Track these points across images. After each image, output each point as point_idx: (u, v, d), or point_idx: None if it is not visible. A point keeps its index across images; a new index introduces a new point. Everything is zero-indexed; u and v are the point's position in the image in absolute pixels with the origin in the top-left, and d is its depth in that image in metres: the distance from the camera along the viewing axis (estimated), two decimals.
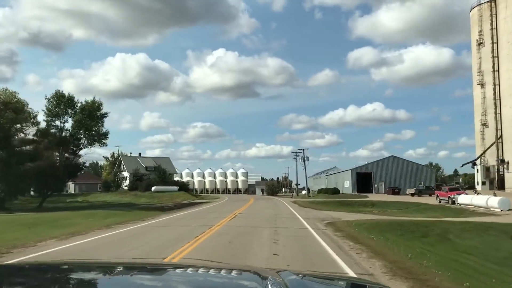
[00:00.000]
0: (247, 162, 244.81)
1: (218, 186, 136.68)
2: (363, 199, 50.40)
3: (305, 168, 79.27)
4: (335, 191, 72.23)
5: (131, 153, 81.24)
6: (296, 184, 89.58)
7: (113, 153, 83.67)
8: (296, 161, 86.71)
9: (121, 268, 2.58)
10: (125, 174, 73.73)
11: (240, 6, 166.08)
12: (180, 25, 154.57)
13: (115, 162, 78.93)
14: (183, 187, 69.42)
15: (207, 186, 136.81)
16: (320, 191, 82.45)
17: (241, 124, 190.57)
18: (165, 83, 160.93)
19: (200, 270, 2.44)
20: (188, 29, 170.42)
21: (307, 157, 78.92)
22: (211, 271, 2.40)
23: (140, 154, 78.37)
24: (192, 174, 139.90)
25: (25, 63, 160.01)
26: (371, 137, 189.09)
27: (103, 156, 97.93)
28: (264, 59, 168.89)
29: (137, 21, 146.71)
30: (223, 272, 2.39)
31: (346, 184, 76.46)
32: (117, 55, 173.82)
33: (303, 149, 79.14)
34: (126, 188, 69.38)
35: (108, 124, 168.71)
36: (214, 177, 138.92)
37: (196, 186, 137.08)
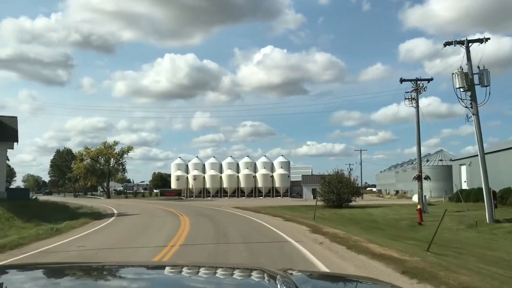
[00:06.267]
0: (298, 160, 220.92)
1: (242, 185, 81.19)
2: None
3: (478, 125, 22.10)
4: None
5: None
6: (420, 176, 33.04)
7: None
8: (417, 106, 30.70)
9: (123, 267, 2.52)
10: None
11: (285, 2, 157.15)
12: (226, 23, 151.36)
13: None
14: None
15: (225, 185, 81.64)
16: (469, 195, 33.79)
17: (291, 122, 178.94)
18: (214, 83, 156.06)
19: (210, 269, 2.40)
20: (234, 27, 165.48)
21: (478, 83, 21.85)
22: (220, 270, 2.38)
23: None
24: (204, 166, 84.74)
25: (79, 66, 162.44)
26: (426, 133, 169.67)
27: None
28: (312, 55, 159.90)
29: (183, 21, 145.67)
30: (232, 271, 2.37)
31: None
32: (166, 56, 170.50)
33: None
34: None
35: (160, 125, 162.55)
36: (237, 170, 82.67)
37: (208, 185, 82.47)
